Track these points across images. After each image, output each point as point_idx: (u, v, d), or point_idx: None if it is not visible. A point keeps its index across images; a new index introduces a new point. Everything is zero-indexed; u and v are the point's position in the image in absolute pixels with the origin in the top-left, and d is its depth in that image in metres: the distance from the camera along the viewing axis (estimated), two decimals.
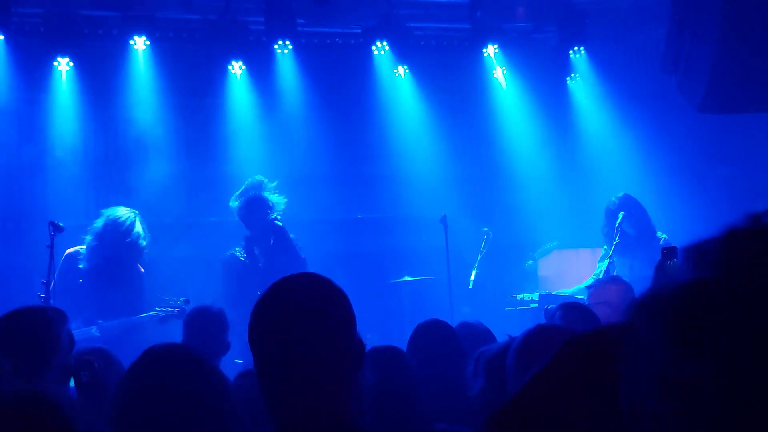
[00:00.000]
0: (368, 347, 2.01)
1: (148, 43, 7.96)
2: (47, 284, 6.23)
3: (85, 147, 8.31)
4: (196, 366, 2.40)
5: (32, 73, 7.87)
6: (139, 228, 6.55)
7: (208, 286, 7.22)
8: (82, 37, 7.82)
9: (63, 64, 7.89)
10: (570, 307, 3.73)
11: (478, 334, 3.95)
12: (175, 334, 6.18)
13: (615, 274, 6.59)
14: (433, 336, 3.76)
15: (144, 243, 6.58)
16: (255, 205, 6.94)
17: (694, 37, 5.76)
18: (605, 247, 7.32)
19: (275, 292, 1.92)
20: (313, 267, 6.96)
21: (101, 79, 8.15)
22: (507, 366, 2.27)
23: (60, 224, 5.98)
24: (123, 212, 6.55)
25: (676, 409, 0.83)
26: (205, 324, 4.71)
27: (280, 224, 6.97)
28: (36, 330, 2.92)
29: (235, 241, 7.18)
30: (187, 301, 6.38)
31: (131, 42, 7.94)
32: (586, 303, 5.69)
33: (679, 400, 0.84)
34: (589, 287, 5.64)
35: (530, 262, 8.54)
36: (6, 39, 7.48)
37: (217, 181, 8.36)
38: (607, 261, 6.92)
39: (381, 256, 8.76)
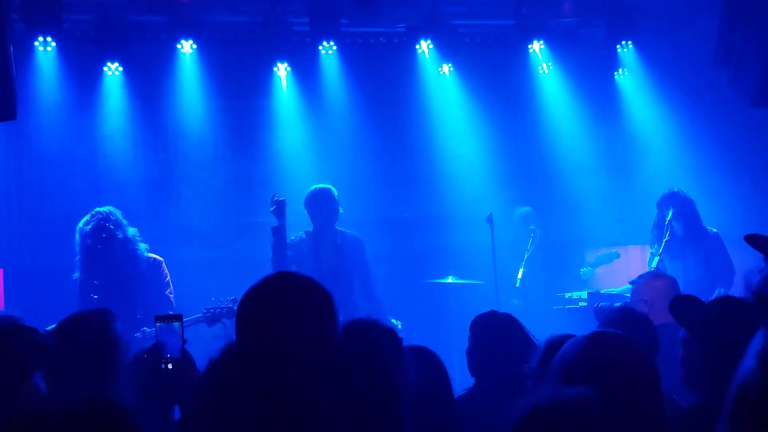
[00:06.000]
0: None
1: (195, 46, 8.04)
2: (99, 286, 6.33)
3: (135, 149, 8.43)
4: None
5: (83, 78, 8.01)
6: (121, 219, 6.26)
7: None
8: (131, 41, 7.93)
9: (112, 69, 8.01)
10: (621, 319, 3.61)
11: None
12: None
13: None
14: (494, 327, 3.68)
15: (132, 231, 6.29)
16: (324, 193, 6.84)
17: (748, 30, 5.63)
18: (654, 246, 7.17)
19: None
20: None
21: (150, 83, 8.28)
22: (552, 366, 2.20)
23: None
24: (96, 212, 6.26)
25: None
26: None
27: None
28: (99, 334, 2.98)
29: None
30: (235, 300, 6.22)
31: (178, 46, 8.03)
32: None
33: None
34: (632, 282, 5.42)
35: (586, 268, 8.29)
36: (57, 45, 7.63)
37: (264, 181, 8.41)
38: (657, 260, 6.79)
39: (426, 255, 8.73)
